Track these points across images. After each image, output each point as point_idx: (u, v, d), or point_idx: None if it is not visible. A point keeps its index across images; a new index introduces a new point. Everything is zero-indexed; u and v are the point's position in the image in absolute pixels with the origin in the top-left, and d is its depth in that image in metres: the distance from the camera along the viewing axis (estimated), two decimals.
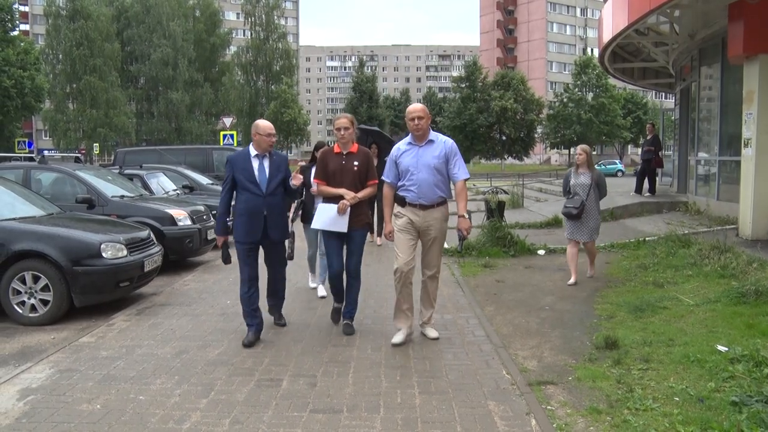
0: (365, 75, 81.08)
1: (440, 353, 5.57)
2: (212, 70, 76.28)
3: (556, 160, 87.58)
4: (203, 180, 15.48)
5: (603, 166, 55.83)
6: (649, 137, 16.36)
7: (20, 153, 42.42)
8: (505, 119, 67.72)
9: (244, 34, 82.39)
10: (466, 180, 5.82)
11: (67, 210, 8.84)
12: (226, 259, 6.05)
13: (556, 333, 6.23)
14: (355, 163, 6.07)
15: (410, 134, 5.85)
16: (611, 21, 14.61)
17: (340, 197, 5.96)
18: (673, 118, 24.73)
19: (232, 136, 25.76)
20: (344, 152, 6.11)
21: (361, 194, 6.03)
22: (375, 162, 6.49)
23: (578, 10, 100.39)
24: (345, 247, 6.22)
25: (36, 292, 6.98)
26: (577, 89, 71.52)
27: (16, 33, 48.56)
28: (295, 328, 6.47)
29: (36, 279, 6.98)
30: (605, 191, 8.86)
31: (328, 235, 6.12)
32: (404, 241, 5.77)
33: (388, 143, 11.76)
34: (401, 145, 5.90)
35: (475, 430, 3.97)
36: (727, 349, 5.25)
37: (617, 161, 62.67)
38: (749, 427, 3.79)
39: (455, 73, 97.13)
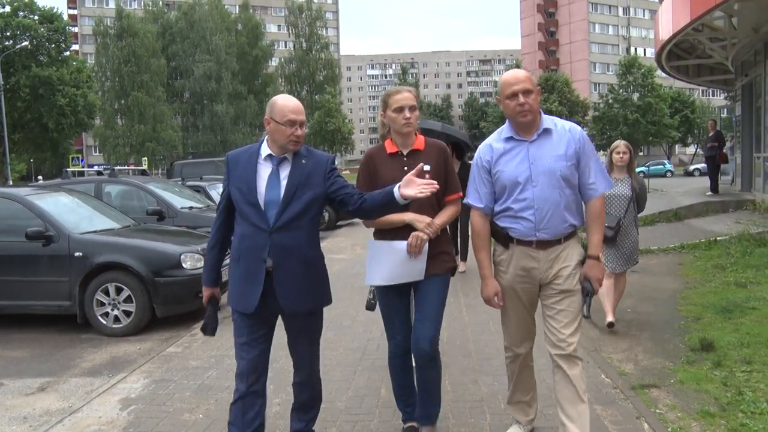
0: (408, 83, 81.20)
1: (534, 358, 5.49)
2: (255, 82, 77.24)
3: (602, 162, 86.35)
4: None
5: (649, 167, 54.82)
6: (711, 134, 16.05)
7: (74, 168, 43.57)
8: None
9: (285, 46, 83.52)
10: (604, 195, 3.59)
11: (137, 222, 9.00)
12: (207, 326, 3.62)
13: (646, 335, 6.09)
14: (425, 167, 3.55)
15: (508, 123, 3.57)
16: (671, 18, 14.35)
17: (407, 227, 3.59)
18: (723, 115, 24.16)
19: None
20: (404, 151, 3.69)
21: (441, 220, 3.65)
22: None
23: (620, 10, 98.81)
24: (414, 304, 3.84)
25: (119, 303, 7.10)
26: (622, 90, 70.45)
27: (67, 53, 49.94)
28: (380, 334, 6.44)
29: (119, 290, 7.09)
30: (644, 204, 6.64)
31: (386, 288, 3.75)
32: (516, 309, 3.66)
33: (465, 144, 9.90)
34: (494, 143, 3.57)
35: None
36: None
37: (666, 161, 61.55)
38: None
39: (496, 78, 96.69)
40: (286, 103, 3.40)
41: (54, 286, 7.18)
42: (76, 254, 7.11)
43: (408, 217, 3.57)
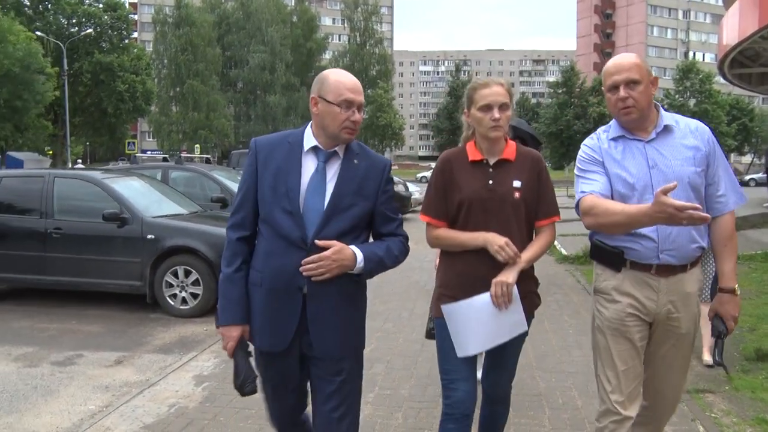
0: (461, 80, 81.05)
1: (588, 360, 5.63)
2: (308, 74, 77.92)
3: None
4: None
5: None
6: None
7: (130, 153, 44.92)
8: (603, 126, 66.34)
9: (339, 39, 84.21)
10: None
11: (204, 209, 9.34)
12: (245, 383, 2.64)
13: (698, 343, 6.16)
14: (516, 183, 2.90)
15: (614, 121, 2.92)
16: (737, 24, 14.17)
17: (484, 253, 2.82)
18: None
19: None
20: (490, 160, 2.94)
21: (530, 254, 2.89)
22: None
23: (680, 13, 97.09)
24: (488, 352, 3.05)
25: (187, 285, 7.44)
26: (678, 95, 69.10)
27: (127, 41, 51.41)
28: None
29: (187, 273, 7.43)
30: None
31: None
32: (626, 352, 2.83)
33: (533, 139, 9.32)
34: (602, 139, 2.90)
35: None
36: None
37: None
38: None
39: (549, 79, 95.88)
40: (341, 78, 2.62)
41: (126, 267, 7.56)
42: (149, 237, 7.48)
43: (488, 237, 2.80)
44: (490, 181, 2.89)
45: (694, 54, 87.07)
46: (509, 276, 2.78)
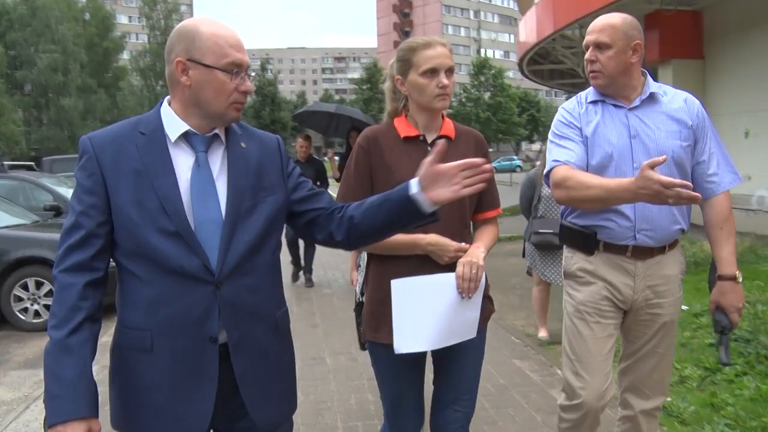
0: (267, 78, 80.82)
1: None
2: (106, 75, 73.93)
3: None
4: None
5: (500, 162, 58.24)
6: None
7: None
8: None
9: (137, 38, 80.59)
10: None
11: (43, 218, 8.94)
12: None
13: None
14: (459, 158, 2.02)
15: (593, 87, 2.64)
16: (535, 27, 15.75)
17: (424, 261, 2.34)
18: None
19: None
20: (427, 136, 2.45)
21: (485, 243, 2.44)
22: None
23: (471, 13, 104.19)
24: (436, 368, 2.54)
25: (39, 297, 7.17)
26: (474, 89, 74.08)
27: None
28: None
29: (39, 285, 7.17)
30: None
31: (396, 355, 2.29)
32: (596, 340, 2.58)
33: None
34: (582, 102, 2.65)
35: (516, 381, 4.74)
36: (687, 307, 6.25)
37: (515, 157, 65.62)
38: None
39: (351, 75, 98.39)
40: (219, 31, 1.76)
41: None
42: None
43: (427, 240, 2.30)
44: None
45: (486, 51, 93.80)
46: (479, 256, 2.30)
